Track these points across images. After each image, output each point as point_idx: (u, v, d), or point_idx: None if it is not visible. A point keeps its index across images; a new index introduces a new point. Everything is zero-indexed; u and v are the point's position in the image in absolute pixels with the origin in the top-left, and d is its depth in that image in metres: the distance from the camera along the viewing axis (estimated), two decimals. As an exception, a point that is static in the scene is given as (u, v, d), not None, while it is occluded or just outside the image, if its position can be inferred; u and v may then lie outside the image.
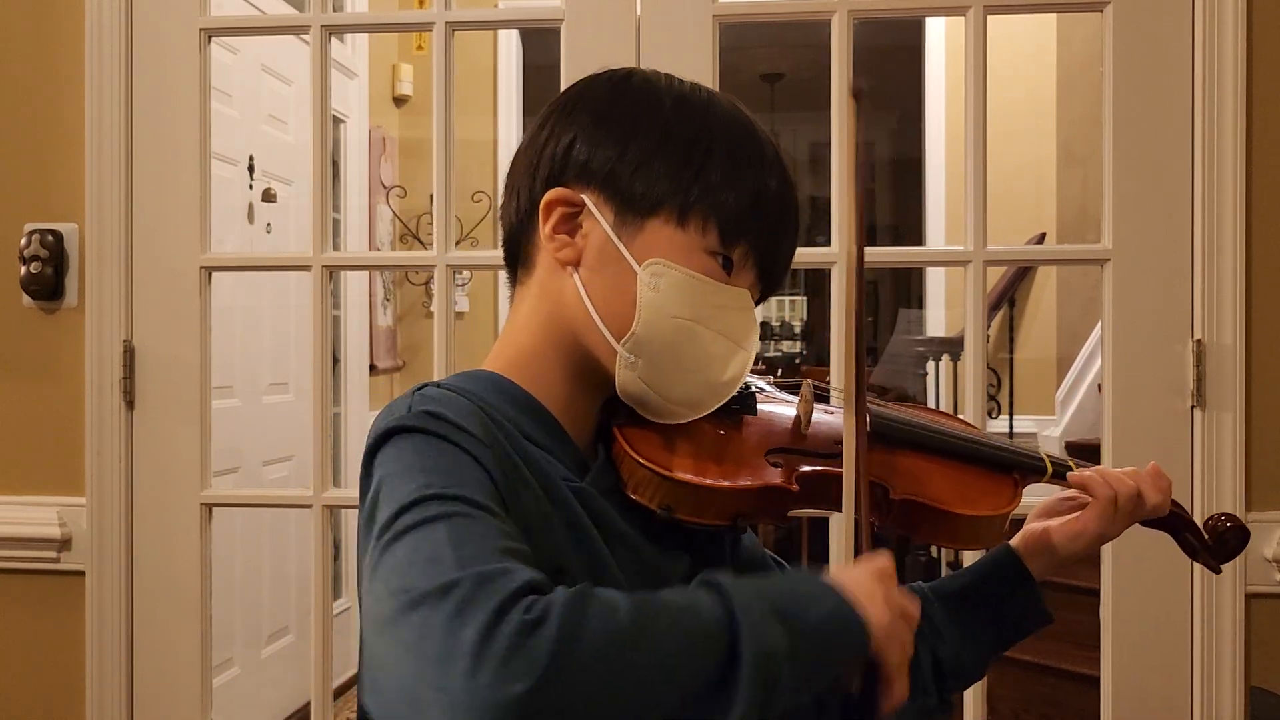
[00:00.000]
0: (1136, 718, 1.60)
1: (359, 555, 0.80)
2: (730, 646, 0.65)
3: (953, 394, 4.34)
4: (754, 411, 0.92)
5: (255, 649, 3.23)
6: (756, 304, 0.88)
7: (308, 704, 1.72)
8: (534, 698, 0.58)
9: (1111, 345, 1.60)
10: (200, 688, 1.74)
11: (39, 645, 1.77)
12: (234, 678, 3.07)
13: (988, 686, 1.65)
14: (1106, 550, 1.59)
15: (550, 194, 0.85)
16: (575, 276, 0.85)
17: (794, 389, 0.97)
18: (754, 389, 0.93)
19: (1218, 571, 1.05)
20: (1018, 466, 0.98)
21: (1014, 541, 1.03)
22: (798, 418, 0.93)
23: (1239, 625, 1.56)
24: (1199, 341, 1.58)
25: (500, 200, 0.93)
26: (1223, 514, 1.04)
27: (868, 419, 0.91)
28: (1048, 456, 1.00)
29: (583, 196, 0.84)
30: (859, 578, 0.75)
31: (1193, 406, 1.58)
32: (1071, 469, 1.00)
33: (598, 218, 0.84)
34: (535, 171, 0.87)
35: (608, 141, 0.84)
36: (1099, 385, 2.56)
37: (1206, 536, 1.03)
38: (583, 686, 0.60)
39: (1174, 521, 1.03)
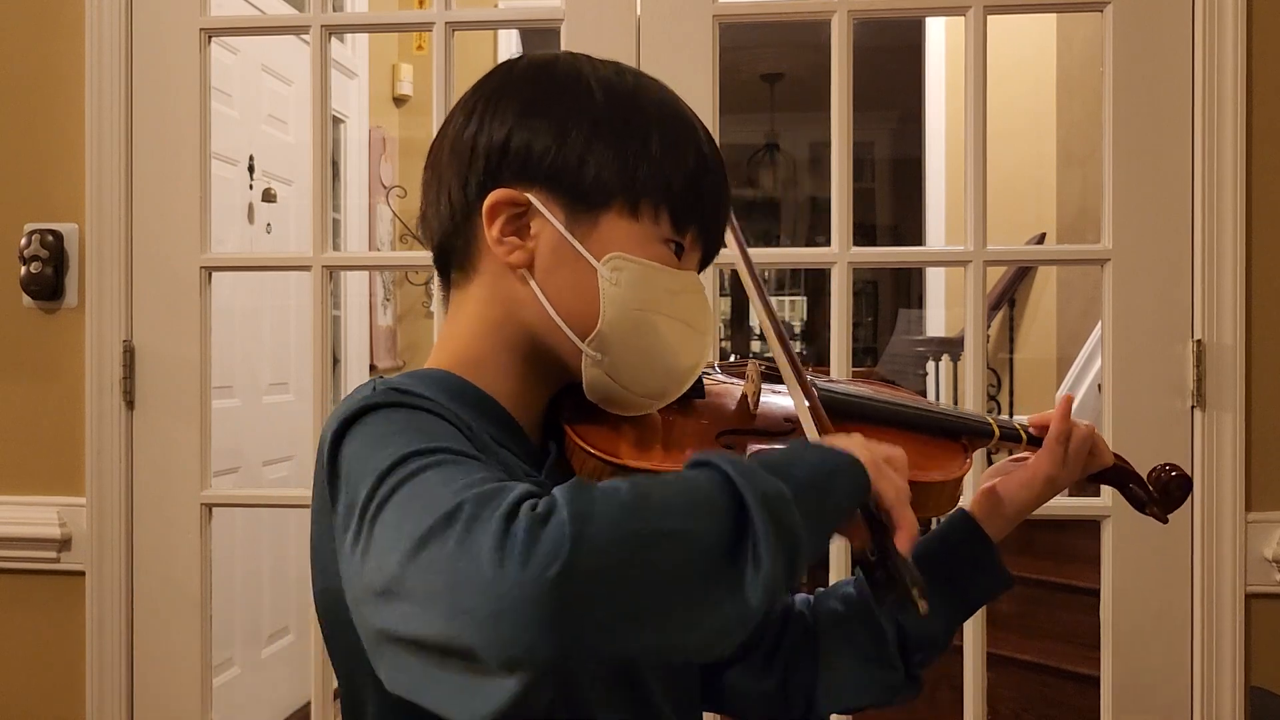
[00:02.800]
0: (1136, 718, 1.60)
1: (317, 544, 0.79)
2: (734, 497, 0.66)
3: (953, 394, 4.34)
4: (702, 394, 0.92)
5: (255, 649, 3.23)
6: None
7: (308, 704, 1.72)
8: (568, 580, 0.58)
9: (1111, 345, 1.60)
10: (200, 688, 1.74)
11: (39, 645, 1.77)
12: (234, 678, 3.07)
13: (988, 687, 1.65)
14: (1106, 550, 1.59)
15: (494, 196, 0.82)
16: (530, 280, 0.82)
17: (740, 370, 0.97)
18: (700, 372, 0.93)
19: (1164, 521, 1.06)
20: (965, 431, 0.98)
21: (966, 505, 1.03)
22: (745, 397, 0.93)
23: (1239, 625, 1.56)
24: (1199, 341, 1.58)
25: (421, 202, 0.90)
26: (1166, 464, 1.05)
27: (815, 392, 0.91)
28: (994, 420, 1.01)
29: (528, 196, 0.82)
30: (837, 438, 0.78)
31: (1193, 406, 1.58)
32: (1017, 431, 1.01)
33: (547, 217, 0.82)
34: (468, 168, 0.84)
35: (543, 133, 0.82)
36: (1099, 385, 2.56)
37: (1151, 488, 1.05)
38: (611, 559, 0.60)
39: (1120, 474, 1.04)
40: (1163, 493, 1.04)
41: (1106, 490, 1.58)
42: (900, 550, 0.75)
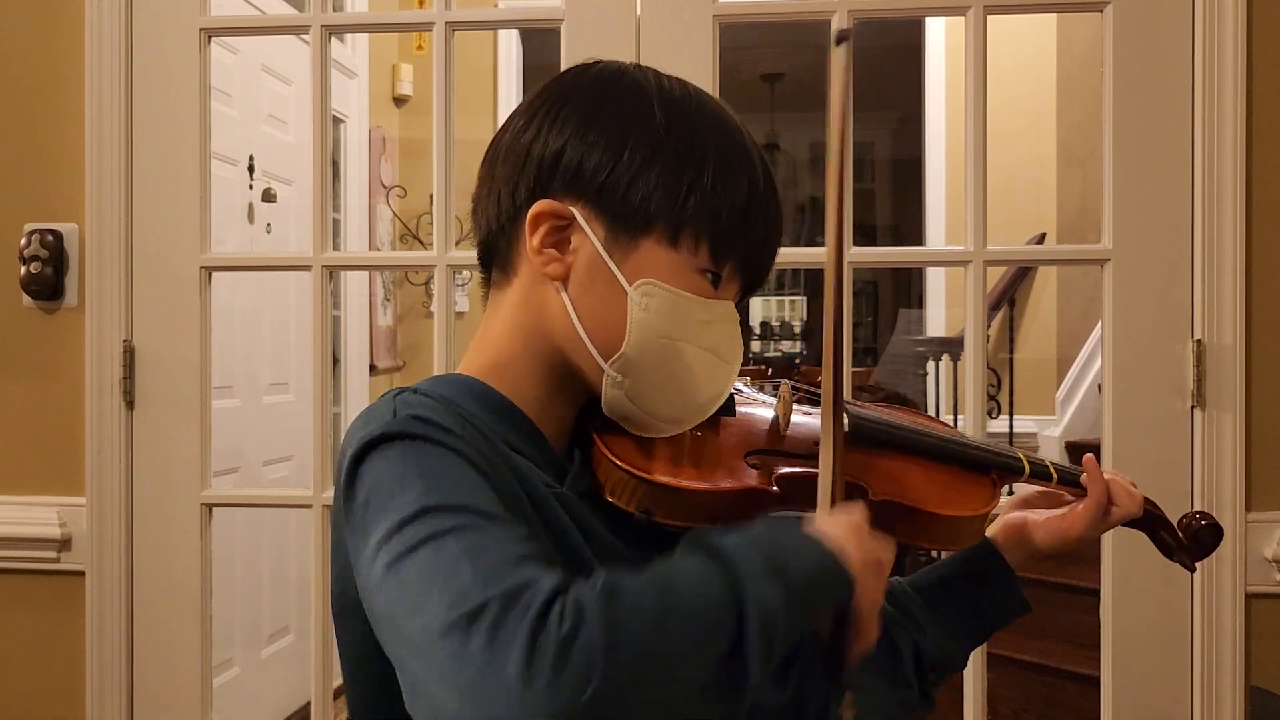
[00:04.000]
0: (1136, 718, 1.60)
1: (336, 550, 0.80)
2: (738, 614, 0.66)
3: (953, 394, 4.34)
4: (732, 413, 0.91)
5: (255, 649, 3.22)
6: (736, 303, 0.87)
7: (308, 704, 1.72)
8: (600, 703, 0.59)
9: (1111, 345, 1.60)
10: (200, 688, 1.74)
11: (39, 645, 1.77)
12: (234, 678, 3.07)
13: (988, 687, 1.65)
14: (1106, 550, 1.59)
15: (539, 206, 0.82)
16: (563, 293, 0.83)
17: (773, 390, 0.97)
18: (733, 390, 0.92)
19: (1192, 570, 1.06)
20: (996, 466, 0.98)
21: (991, 533, 1.03)
22: (776, 419, 0.93)
23: (1239, 625, 1.56)
24: (1199, 341, 1.58)
25: (474, 195, 0.90)
26: (1197, 512, 1.05)
27: (845, 420, 0.90)
28: (1025, 456, 1.00)
29: (573, 210, 0.82)
30: (837, 528, 0.75)
31: (1193, 406, 1.58)
32: (1047, 469, 1.00)
33: (588, 234, 0.82)
34: (520, 174, 0.84)
35: (598, 149, 0.82)
36: (1099, 385, 2.56)
37: (1181, 535, 1.04)
38: (635, 680, 0.61)
39: (1150, 521, 1.04)
40: (1193, 540, 1.03)
41: (1106, 490, 1.58)
42: (850, 657, 0.76)
